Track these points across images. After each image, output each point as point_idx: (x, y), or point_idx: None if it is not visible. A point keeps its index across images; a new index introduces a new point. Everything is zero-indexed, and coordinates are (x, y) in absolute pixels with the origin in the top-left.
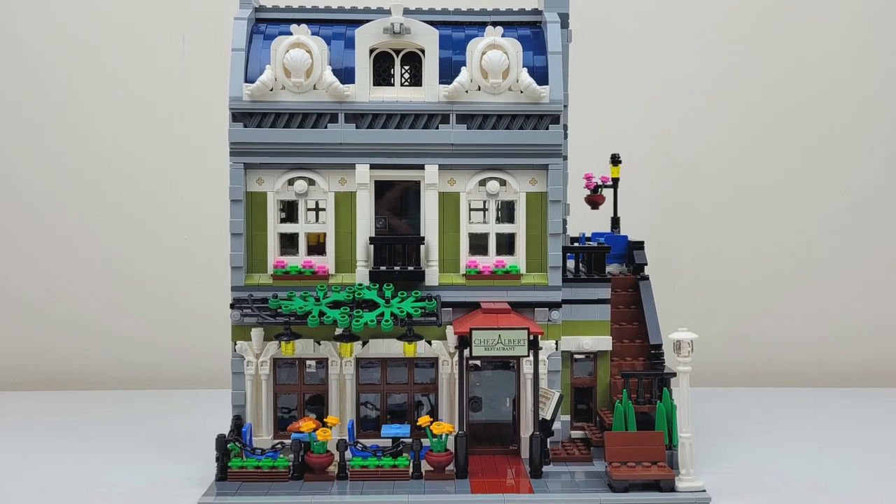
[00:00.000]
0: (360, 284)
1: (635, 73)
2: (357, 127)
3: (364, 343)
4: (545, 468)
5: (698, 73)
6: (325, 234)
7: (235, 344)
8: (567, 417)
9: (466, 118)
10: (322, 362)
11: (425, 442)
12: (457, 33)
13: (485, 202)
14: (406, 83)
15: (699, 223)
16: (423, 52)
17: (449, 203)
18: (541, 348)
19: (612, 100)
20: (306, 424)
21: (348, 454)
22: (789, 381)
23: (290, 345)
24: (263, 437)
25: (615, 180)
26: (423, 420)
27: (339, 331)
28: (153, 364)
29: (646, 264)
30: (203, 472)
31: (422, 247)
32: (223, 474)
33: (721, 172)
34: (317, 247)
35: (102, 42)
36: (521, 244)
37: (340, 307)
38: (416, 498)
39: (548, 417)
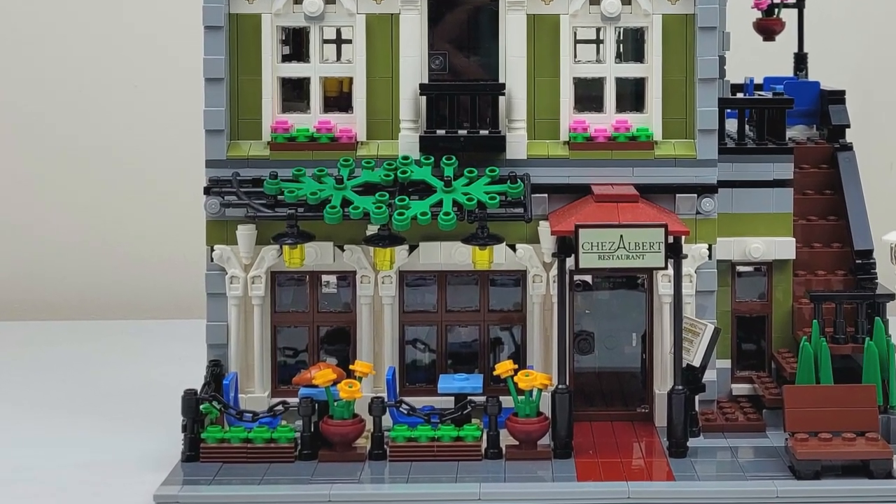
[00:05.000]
0: (407, 157)
1: None
2: None
3: (412, 249)
4: (692, 442)
5: None
6: (350, 81)
7: (212, 249)
8: (726, 364)
9: None
10: (347, 278)
11: (507, 402)
12: None
13: (598, 30)
14: None
15: None
16: None
17: (543, 31)
18: (685, 256)
19: None
20: (322, 375)
21: (387, 420)
22: None
23: (298, 251)
24: (256, 395)
25: None
26: (504, 367)
27: (372, 229)
28: (89, 283)
29: (848, 126)
30: (163, 448)
31: (501, 99)
32: (194, 451)
33: None
34: (338, 99)
35: None
36: (654, 95)
37: (375, 192)
38: (493, 488)
39: (696, 364)
